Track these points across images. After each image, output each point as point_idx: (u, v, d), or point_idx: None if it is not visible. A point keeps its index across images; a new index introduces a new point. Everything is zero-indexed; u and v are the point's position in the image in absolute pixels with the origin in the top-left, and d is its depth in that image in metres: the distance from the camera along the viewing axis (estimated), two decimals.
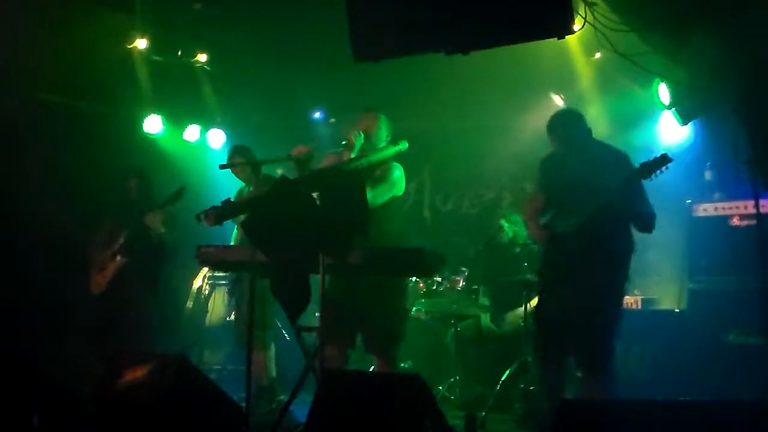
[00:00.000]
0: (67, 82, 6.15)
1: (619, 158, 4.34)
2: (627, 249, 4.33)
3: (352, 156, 4.41)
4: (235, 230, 5.75)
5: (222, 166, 4.73)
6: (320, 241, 3.83)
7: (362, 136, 4.49)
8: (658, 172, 4.05)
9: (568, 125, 4.44)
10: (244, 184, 5.73)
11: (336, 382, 3.59)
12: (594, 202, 4.16)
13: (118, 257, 5.52)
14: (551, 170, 4.56)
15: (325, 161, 4.61)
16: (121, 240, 5.54)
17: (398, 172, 4.57)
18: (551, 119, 4.55)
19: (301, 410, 4.43)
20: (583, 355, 4.28)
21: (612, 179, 4.15)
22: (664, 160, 4.04)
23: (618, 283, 4.31)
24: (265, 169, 5.63)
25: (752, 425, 2.85)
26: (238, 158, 5.52)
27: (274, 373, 5.57)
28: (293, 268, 3.90)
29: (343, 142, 4.45)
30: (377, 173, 4.50)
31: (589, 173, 4.26)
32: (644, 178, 4.08)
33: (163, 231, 5.52)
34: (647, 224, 4.28)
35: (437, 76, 6.17)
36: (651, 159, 4.06)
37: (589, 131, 4.43)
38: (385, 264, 4.11)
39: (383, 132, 4.61)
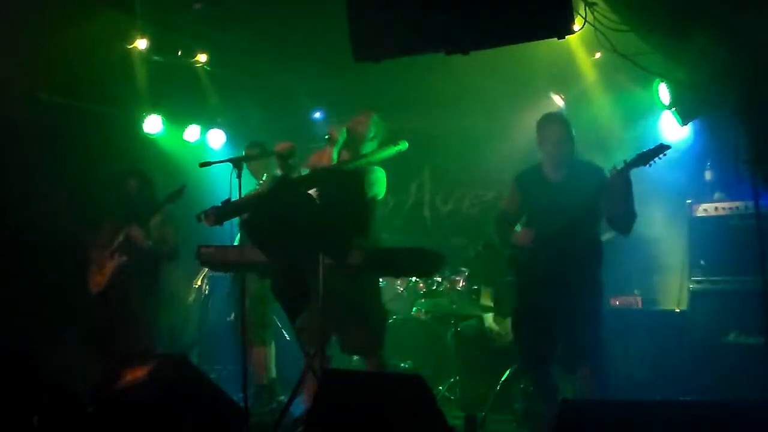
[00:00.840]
0: (67, 82, 6.15)
1: (601, 179, 4.35)
2: (600, 245, 4.49)
3: (335, 150, 4.42)
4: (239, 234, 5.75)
5: (202, 164, 4.70)
6: (320, 241, 3.83)
7: (345, 131, 4.50)
8: (657, 159, 4.13)
9: (564, 128, 4.50)
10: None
11: (336, 382, 3.59)
12: (572, 217, 4.25)
13: (117, 256, 5.52)
14: (528, 187, 4.61)
15: (312, 158, 4.61)
16: (120, 239, 5.54)
17: (379, 174, 4.53)
18: (546, 116, 4.64)
19: (301, 410, 4.45)
20: (571, 349, 4.34)
21: (592, 201, 4.26)
22: (661, 148, 4.13)
23: (599, 277, 4.44)
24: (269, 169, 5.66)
25: (752, 425, 2.85)
26: (252, 151, 5.55)
27: (273, 373, 5.57)
28: (293, 268, 3.90)
29: (326, 137, 4.48)
30: None
31: (570, 194, 4.33)
32: (643, 165, 4.14)
33: (150, 243, 5.52)
34: (628, 223, 4.35)
35: (437, 76, 6.17)
36: (648, 148, 4.14)
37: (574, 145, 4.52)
38: (385, 264, 4.10)
39: (370, 131, 4.60)
